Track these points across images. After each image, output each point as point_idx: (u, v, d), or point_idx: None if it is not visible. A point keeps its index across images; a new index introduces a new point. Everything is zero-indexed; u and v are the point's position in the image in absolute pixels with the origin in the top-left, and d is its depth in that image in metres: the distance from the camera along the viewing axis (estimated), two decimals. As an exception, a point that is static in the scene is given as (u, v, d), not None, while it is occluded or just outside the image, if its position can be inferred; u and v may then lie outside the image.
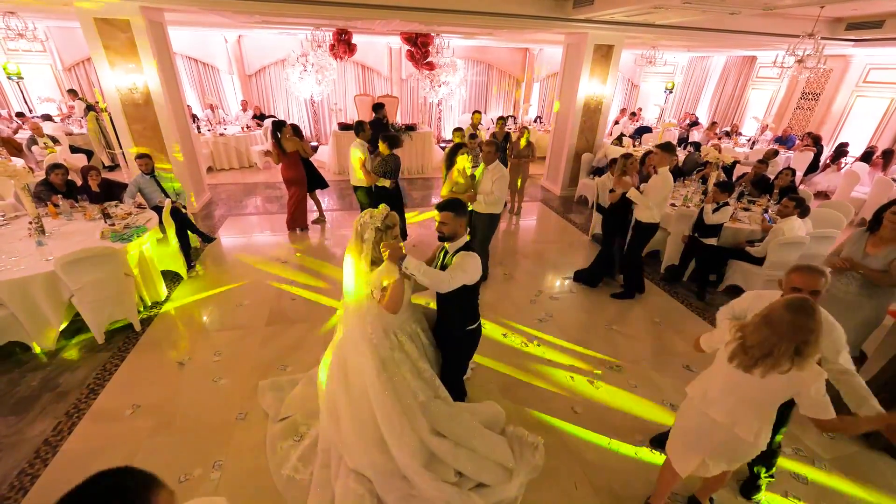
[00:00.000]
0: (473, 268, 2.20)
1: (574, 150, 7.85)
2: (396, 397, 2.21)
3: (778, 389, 1.66)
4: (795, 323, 1.53)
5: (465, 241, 2.33)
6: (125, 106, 5.57)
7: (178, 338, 3.67)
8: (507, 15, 6.08)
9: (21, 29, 6.64)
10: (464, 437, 2.36)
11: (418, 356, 2.35)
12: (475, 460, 2.32)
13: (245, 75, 10.91)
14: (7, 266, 3.22)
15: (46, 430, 2.72)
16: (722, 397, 1.81)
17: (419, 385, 2.30)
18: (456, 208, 2.26)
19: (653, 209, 4.04)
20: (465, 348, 2.59)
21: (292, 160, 5.46)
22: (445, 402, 2.38)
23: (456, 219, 2.26)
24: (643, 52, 11.04)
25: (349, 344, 2.32)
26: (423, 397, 2.29)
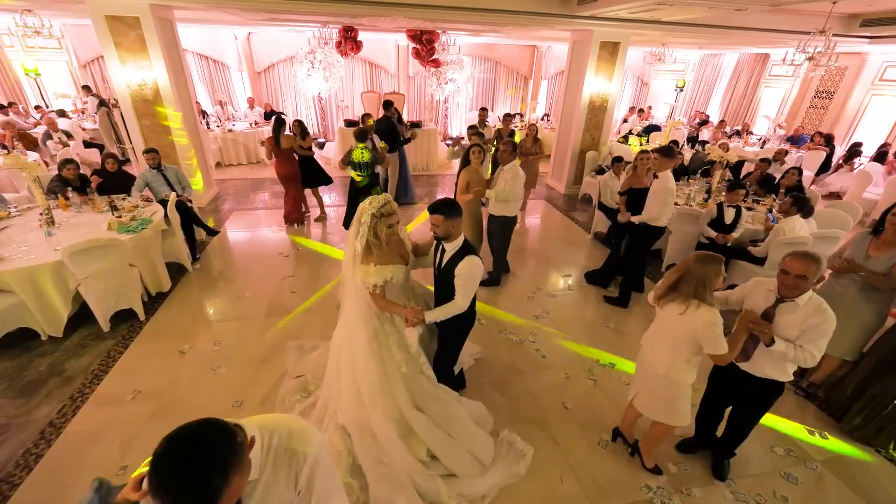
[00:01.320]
0: (475, 272, 2.27)
1: (579, 148, 7.81)
2: (381, 365, 2.36)
3: (683, 329, 2.06)
4: (696, 267, 2.01)
5: (462, 241, 2.33)
6: (135, 102, 5.70)
7: (179, 327, 3.77)
8: (511, 12, 6.06)
9: (38, 26, 6.82)
10: (443, 420, 2.42)
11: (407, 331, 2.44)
12: (449, 445, 2.37)
13: (254, 72, 11.05)
14: (18, 255, 3.35)
15: (52, 412, 2.83)
16: (651, 338, 2.33)
17: (404, 357, 2.41)
18: (446, 210, 2.24)
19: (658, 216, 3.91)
20: (456, 334, 2.59)
21: (286, 156, 5.56)
22: (430, 380, 2.46)
23: (447, 221, 2.24)
24: (652, 49, 10.93)
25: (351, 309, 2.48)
26: (406, 370, 2.39)
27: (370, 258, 2.29)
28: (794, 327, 2.04)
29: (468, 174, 4.31)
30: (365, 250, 2.30)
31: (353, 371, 2.42)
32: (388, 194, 2.35)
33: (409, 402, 2.38)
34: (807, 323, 2.01)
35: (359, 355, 2.39)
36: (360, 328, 2.40)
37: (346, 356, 2.45)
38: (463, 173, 4.37)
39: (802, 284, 1.98)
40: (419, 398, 2.41)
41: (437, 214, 2.24)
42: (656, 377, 2.24)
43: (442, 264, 2.40)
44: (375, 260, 2.28)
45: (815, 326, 1.99)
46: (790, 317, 2.05)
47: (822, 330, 1.98)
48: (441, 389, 2.52)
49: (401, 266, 2.38)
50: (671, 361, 2.17)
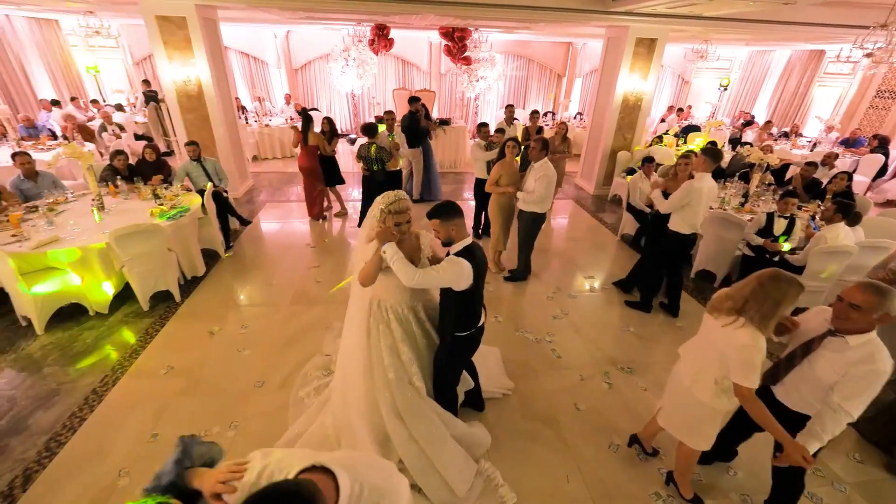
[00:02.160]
0: (453, 274, 2.06)
1: (610, 148, 7.61)
2: (368, 366, 2.35)
3: (719, 342, 1.88)
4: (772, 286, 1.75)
5: (466, 244, 2.16)
6: (180, 97, 6.05)
7: (211, 310, 4.00)
8: (544, 8, 5.98)
9: (98, 27, 7.37)
10: (422, 436, 2.31)
11: (402, 338, 2.35)
12: (422, 463, 2.29)
13: (292, 69, 11.44)
14: (72, 237, 3.65)
15: (95, 381, 3.08)
16: (688, 347, 2.19)
17: (392, 363, 2.32)
18: (440, 214, 2.13)
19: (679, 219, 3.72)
20: (455, 356, 2.40)
21: (310, 151, 5.73)
22: (417, 392, 2.36)
23: (444, 224, 2.13)
24: (694, 46, 10.47)
25: (351, 304, 2.50)
26: (392, 375, 2.31)
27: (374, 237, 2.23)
28: (835, 370, 1.73)
29: (501, 168, 4.31)
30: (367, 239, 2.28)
31: (343, 367, 2.46)
32: (402, 192, 2.26)
33: (392, 408, 2.31)
34: (849, 369, 1.69)
35: (350, 351, 2.40)
36: (354, 325, 2.40)
37: (341, 351, 2.50)
38: (496, 166, 4.37)
39: (854, 316, 1.68)
40: (402, 407, 2.32)
41: (434, 219, 2.14)
42: (682, 390, 2.10)
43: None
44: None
45: (857, 377, 1.67)
46: (833, 355, 1.75)
47: (862, 384, 1.66)
48: (428, 405, 2.39)
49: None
50: (696, 374, 2.01)
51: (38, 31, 8.89)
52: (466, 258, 2.10)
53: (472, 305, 2.27)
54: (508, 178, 4.32)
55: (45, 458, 2.50)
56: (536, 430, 2.80)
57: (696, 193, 3.53)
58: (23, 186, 4.46)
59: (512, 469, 2.50)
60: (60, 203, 4.31)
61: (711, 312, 1.95)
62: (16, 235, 3.55)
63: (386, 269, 2.18)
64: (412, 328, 2.40)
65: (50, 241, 3.52)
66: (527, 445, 2.69)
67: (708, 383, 1.96)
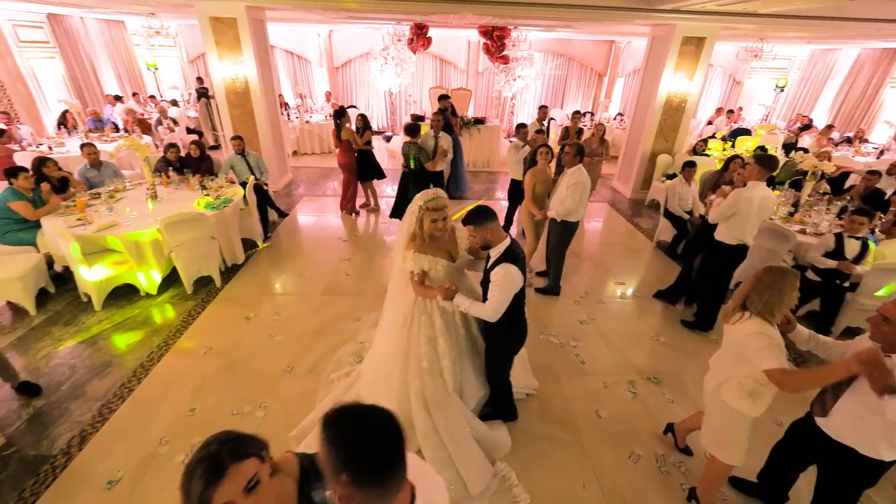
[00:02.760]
0: (511, 284, 2.13)
1: (650, 150, 7.35)
2: (405, 353, 2.44)
3: (732, 340, 1.97)
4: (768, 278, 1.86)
5: (507, 245, 2.19)
6: (228, 94, 6.40)
7: (248, 296, 4.22)
8: (585, 7, 5.85)
9: (158, 27, 7.90)
10: (444, 430, 2.36)
11: (442, 331, 2.43)
12: (441, 455, 2.32)
13: (333, 67, 11.79)
14: (127, 222, 3.97)
15: (142, 356, 3.34)
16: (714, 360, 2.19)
17: (428, 353, 2.42)
18: (474, 220, 2.15)
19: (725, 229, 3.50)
20: (507, 349, 2.51)
21: (345, 147, 5.90)
22: (445, 386, 2.42)
23: (479, 229, 2.16)
24: (747, 44, 9.88)
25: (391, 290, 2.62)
26: (426, 364, 2.41)
27: (412, 245, 2.39)
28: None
29: (534, 176, 4.19)
30: (409, 237, 2.40)
31: (379, 350, 2.56)
32: (440, 191, 2.34)
33: (420, 397, 2.38)
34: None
35: (386, 337, 2.51)
36: (394, 311, 2.52)
37: (377, 335, 2.59)
38: (528, 174, 4.25)
39: (885, 329, 1.59)
40: (430, 398, 2.39)
41: (468, 225, 2.18)
42: (708, 395, 2.13)
43: (486, 268, 2.35)
44: (416, 248, 2.37)
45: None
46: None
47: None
48: (454, 400, 2.45)
49: (440, 260, 2.37)
50: (722, 378, 2.02)
51: (106, 31, 9.64)
52: (510, 261, 2.13)
53: (518, 302, 2.31)
54: (542, 187, 4.20)
55: (98, 422, 2.74)
56: (555, 433, 2.78)
57: (746, 203, 3.31)
58: (88, 175, 4.87)
59: (528, 470, 2.49)
60: (120, 191, 4.68)
61: (725, 321, 2.03)
62: (80, 219, 3.90)
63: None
64: (454, 320, 2.49)
65: (109, 226, 3.85)
66: (544, 448, 2.68)
67: (733, 386, 1.97)
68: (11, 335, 3.54)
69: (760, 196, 3.30)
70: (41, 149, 6.55)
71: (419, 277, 2.40)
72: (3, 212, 3.96)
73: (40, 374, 3.12)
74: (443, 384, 2.43)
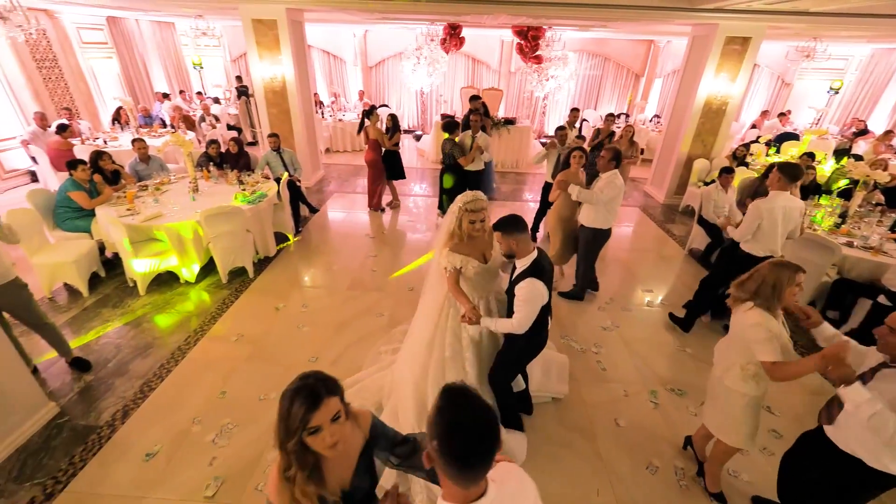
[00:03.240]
0: (536, 299, 2.13)
1: (686, 154, 7.09)
2: (430, 340, 2.58)
3: (736, 328, 2.08)
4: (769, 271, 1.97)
5: (533, 258, 2.18)
6: (266, 93, 6.67)
7: (278, 288, 4.40)
8: (622, 7, 5.72)
9: (205, 28, 8.33)
10: None
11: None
12: None
13: (367, 67, 12.02)
14: (171, 213, 4.23)
15: (180, 340, 3.56)
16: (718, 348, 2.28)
17: (452, 343, 2.54)
18: (503, 227, 2.15)
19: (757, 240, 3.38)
20: (519, 353, 2.49)
21: (373, 144, 6.01)
22: (466, 377, 2.52)
23: (505, 237, 2.15)
24: (799, 43, 9.33)
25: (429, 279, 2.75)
26: (449, 354, 2.53)
27: (449, 243, 2.47)
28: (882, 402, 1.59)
29: (566, 178, 4.12)
30: (448, 235, 2.49)
31: (412, 335, 2.73)
32: (480, 193, 2.38)
33: (438, 385, 2.39)
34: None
35: (420, 323, 2.66)
36: (429, 300, 2.65)
37: (414, 320, 2.77)
38: (560, 176, 4.20)
39: (891, 340, 1.60)
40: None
41: (496, 231, 2.18)
42: (714, 381, 2.25)
43: (511, 279, 2.33)
44: (451, 246, 2.44)
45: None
46: (885, 386, 1.62)
47: None
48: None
49: (472, 260, 2.41)
50: (727, 364, 2.14)
51: (158, 32, 10.23)
52: (536, 276, 2.12)
53: (542, 313, 2.28)
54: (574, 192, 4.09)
55: (139, 398, 2.95)
56: (572, 438, 2.77)
57: (768, 214, 3.21)
58: (137, 168, 5.21)
59: (541, 473, 2.49)
60: (165, 184, 4.98)
61: (732, 309, 2.13)
62: (129, 210, 4.19)
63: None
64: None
65: (155, 217, 4.11)
66: (559, 451, 2.67)
67: (736, 372, 2.08)
68: (67, 314, 3.85)
69: (782, 206, 3.21)
70: (97, 143, 7.05)
71: (452, 275, 2.45)
72: (64, 200, 4.31)
73: (90, 352, 3.39)
74: (464, 375, 2.53)
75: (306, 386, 1.12)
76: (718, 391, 2.20)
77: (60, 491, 2.33)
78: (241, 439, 2.67)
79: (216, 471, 2.46)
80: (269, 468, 1.12)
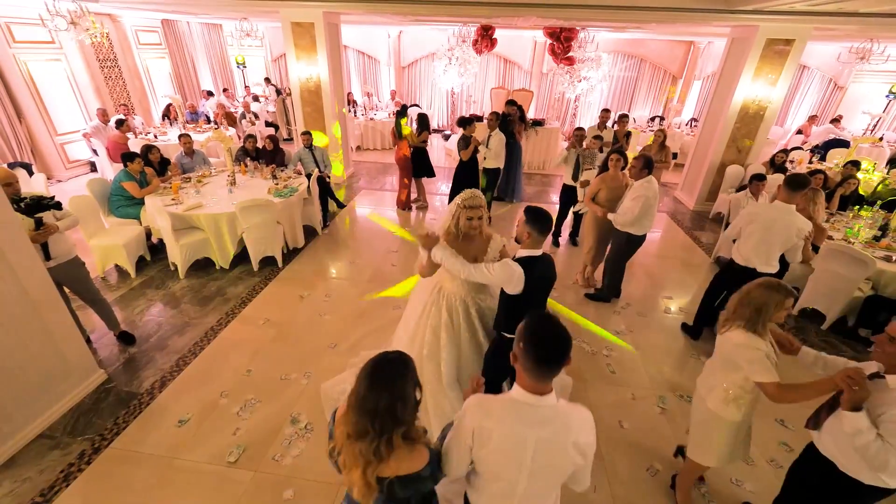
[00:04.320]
0: (503, 274, 2.09)
1: (719, 160, 6.88)
2: (413, 334, 2.64)
3: (720, 349, 2.04)
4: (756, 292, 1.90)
5: (530, 254, 2.14)
6: (302, 92, 7.00)
7: (304, 277, 4.66)
8: (655, 9, 5.64)
9: (249, 29, 8.79)
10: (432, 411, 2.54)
11: (446, 325, 2.53)
12: None
13: (400, 67, 12.28)
14: (210, 204, 4.56)
15: (213, 321, 3.86)
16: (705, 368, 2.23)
17: (430, 341, 2.56)
18: (532, 214, 2.12)
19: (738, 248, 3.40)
20: (496, 356, 2.39)
21: (403, 144, 6.18)
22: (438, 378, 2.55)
23: (527, 224, 2.12)
24: (853, 44, 8.78)
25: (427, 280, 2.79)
26: (426, 352, 2.56)
27: (445, 238, 2.47)
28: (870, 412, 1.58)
29: (602, 182, 4.09)
30: (445, 230, 2.52)
31: (400, 328, 2.85)
32: (478, 191, 2.41)
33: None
34: (885, 409, 1.53)
35: (406, 318, 2.77)
36: (417, 296, 2.73)
37: (404, 314, 2.86)
38: (597, 180, 4.17)
39: (889, 350, 1.58)
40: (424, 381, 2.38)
41: (524, 213, 2.16)
42: (696, 401, 2.21)
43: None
44: (445, 240, 2.42)
45: (887, 420, 1.51)
46: (874, 395, 1.60)
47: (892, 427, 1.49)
48: (445, 394, 2.55)
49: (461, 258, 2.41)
50: (711, 385, 2.09)
51: (206, 34, 10.88)
52: (523, 266, 2.11)
53: (518, 311, 2.19)
54: (609, 194, 4.07)
55: (175, 371, 3.25)
56: (573, 437, 2.82)
57: (749, 218, 3.28)
58: (183, 161, 5.63)
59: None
60: (206, 177, 5.36)
61: (718, 330, 2.08)
62: (174, 199, 4.55)
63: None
64: (459, 319, 2.56)
65: (196, 207, 4.45)
66: (560, 449, 2.73)
67: (718, 392, 2.04)
68: (117, 292, 4.25)
69: (771, 217, 3.15)
70: (148, 137, 7.62)
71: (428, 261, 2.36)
72: (117, 189, 4.74)
73: (136, 327, 3.75)
74: (439, 374, 2.56)
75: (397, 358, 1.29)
76: (699, 411, 2.16)
77: (106, 447, 2.63)
78: (263, 413, 2.90)
79: (239, 440, 2.70)
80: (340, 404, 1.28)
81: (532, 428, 1.26)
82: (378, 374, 1.23)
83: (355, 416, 1.22)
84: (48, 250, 2.94)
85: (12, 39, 6.66)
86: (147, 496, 2.38)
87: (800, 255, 3.25)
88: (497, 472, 1.34)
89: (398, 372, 1.25)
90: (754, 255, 3.29)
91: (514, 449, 1.28)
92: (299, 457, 2.60)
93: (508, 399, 1.32)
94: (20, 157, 6.87)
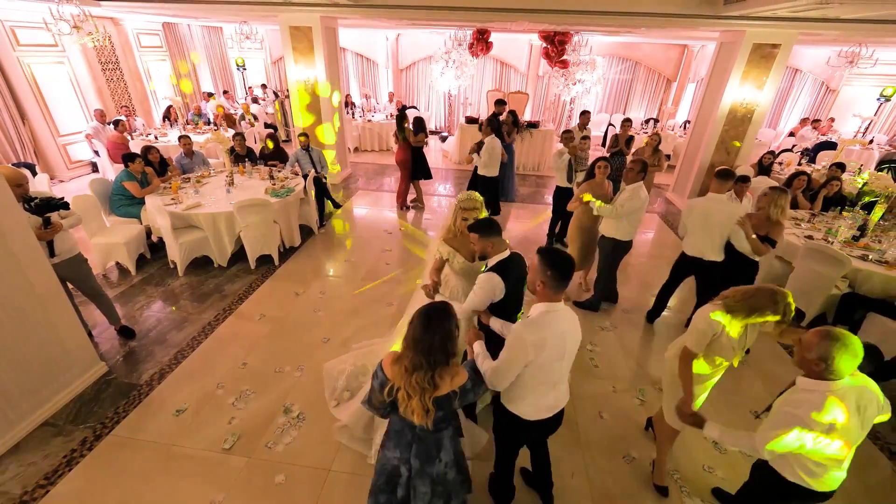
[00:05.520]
0: (488, 290, 2.24)
1: (709, 162, 7.01)
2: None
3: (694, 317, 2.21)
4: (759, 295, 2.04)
5: (501, 258, 2.29)
6: (301, 94, 7.13)
7: (300, 275, 4.79)
8: (644, 14, 5.78)
9: (248, 32, 8.95)
10: None
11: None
12: None
13: (398, 69, 12.43)
14: (209, 203, 4.69)
15: (210, 317, 3.99)
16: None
17: None
18: (480, 230, 2.28)
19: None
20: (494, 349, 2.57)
21: (403, 145, 6.31)
22: None
23: (482, 240, 2.27)
24: (843, 48, 8.93)
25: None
26: None
27: (444, 234, 2.71)
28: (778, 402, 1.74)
29: (589, 188, 4.11)
30: (445, 229, 2.73)
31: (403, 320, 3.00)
32: (474, 193, 2.61)
33: None
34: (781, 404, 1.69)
35: (412, 305, 2.93)
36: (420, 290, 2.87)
37: (409, 307, 3.05)
38: (584, 186, 4.20)
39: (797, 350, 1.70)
40: None
41: (473, 233, 2.30)
42: (665, 364, 2.42)
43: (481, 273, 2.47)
44: (444, 237, 2.68)
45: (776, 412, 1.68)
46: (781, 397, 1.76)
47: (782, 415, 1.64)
48: None
49: (459, 255, 2.61)
50: (678, 347, 2.28)
51: (207, 36, 11.03)
52: (499, 273, 2.24)
53: (503, 309, 2.39)
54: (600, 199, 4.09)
55: (174, 364, 3.38)
56: (555, 427, 2.94)
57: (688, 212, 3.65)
58: (182, 162, 5.77)
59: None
60: (205, 177, 5.49)
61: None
62: (174, 199, 4.68)
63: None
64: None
65: (195, 206, 4.58)
66: (541, 438, 2.85)
67: (678, 346, 2.27)
68: (118, 289, 4.38)
69: (706, 207, 3.49)
70: (149, 138, 7.76)
71: (436, 261, 2.71)
72: (118, 189, 4.87)
73: (136, 322, 3.87)
74: None
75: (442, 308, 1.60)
76: (667, 372, 2.36)
77: (107, 434, 2.75)
78: (257, 404, 3.02)
79: (234, 428, 2.82)
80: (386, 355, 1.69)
81: (564, 324, 1.78)
82: (430, 319, 1.53)
83: (412, 353, 1.52)
84: (53, 247, 3.07)
85: (17, 43, 6.81)
86: (146, 480, 2.50)
87: (744, 241, 3.36)
88: (550, 367, 1.81)
89: (444, 316, 1.55)
90: (700, 245, 3.59)
91: (560, 345, 1.77)
92: (291, 444, 2.73)
93: (544, 312, 1.76)
94: (24, 157, 7.01)
